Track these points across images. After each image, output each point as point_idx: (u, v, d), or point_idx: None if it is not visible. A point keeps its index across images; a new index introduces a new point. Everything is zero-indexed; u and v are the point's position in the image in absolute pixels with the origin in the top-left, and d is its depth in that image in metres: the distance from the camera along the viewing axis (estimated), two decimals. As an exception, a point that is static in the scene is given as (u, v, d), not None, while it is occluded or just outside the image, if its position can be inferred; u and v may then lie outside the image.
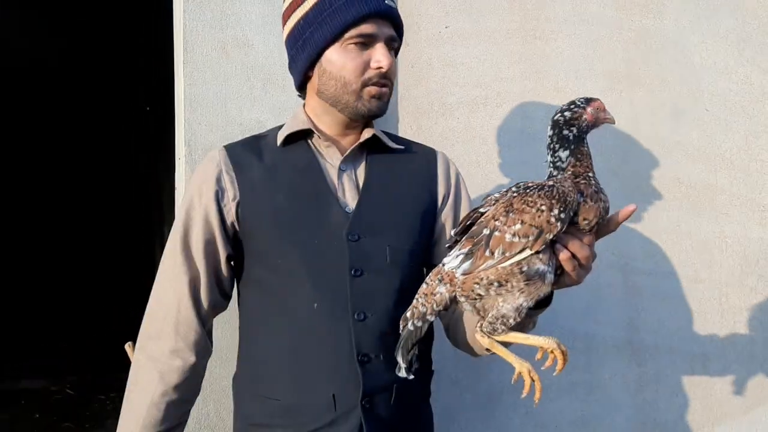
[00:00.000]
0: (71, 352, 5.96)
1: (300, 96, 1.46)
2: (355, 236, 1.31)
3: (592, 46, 2.03)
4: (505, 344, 1.19)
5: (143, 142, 6.88)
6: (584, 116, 1.19)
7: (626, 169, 2.05)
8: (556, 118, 1.19)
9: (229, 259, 1.38)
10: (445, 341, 1.92)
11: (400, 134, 1.91)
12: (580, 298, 2.02)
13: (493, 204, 1.17)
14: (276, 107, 1.75)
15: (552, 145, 1.19)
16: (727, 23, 2.13)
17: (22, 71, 5.90)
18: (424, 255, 1.42)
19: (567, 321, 2.02)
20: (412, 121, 1.92)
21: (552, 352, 1.15)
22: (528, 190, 1.13)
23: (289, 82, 1.79)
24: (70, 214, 6.88)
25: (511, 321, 1.14)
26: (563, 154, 1.18)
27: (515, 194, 1.14)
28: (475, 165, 1.95)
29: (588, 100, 1.20)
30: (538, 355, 1.21)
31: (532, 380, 1.17)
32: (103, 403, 5.49)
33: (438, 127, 1.93)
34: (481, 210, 1.18)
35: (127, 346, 1.77)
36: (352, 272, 1.30)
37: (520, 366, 1.17)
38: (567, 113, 1.19)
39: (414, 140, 1.55)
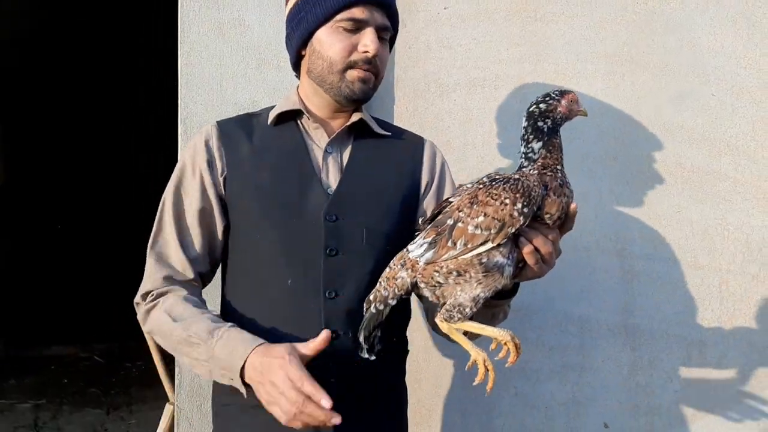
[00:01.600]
0: (101, 321, 6.15)
1: (296, 76, 1.51)
2: (333, 217, 1.36)
3: (594, 29, 2.02)
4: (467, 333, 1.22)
5: (143, 142, 7.05)
6: (559, 108, 1.21)
7: (626, 153, 2.04)
8: (531, 109, 1.21)
9: (224, 230, 1.42)
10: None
11: (396, 115, 1.93)
12: (574, 282, 2.03)
13: (461, 194, 1.19)
14: (270, 87, 1.79)
15: (526, 137, 1.21)
16: (737, 7, 2.08)
17: (20, 60, 6.05)
18: (402, 239, 1.44)
19: (561, 304, 2.03)
20: (408, 102, 1.94)
21: (506, 344, 1.17)
22: (494, 183, 1.15)
23: (284, 62, 1.83)
24: (93, 199, 7.07)
25: (467, 310, 1.16)
26: (536, 145, 1.20)
27: (481, 186, 1.17)
28: (471, 147, 1.96)
29: (562, 93, 1.23)
30: (492, 346, 1.22)
31: (487, 369, 1.19)
32: (129, 371, 5.67)
33: (434, 108, 1.95)
34: (451, 200, 1.21)
35: None
36: (327, 251, 1.35)
37: (476, 354, 1.20)
38: (542, 105, 1.21)
39: (411, 121, 1.59)
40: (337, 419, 1.15)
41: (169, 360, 1.82)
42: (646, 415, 2.05)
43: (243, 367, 1.22)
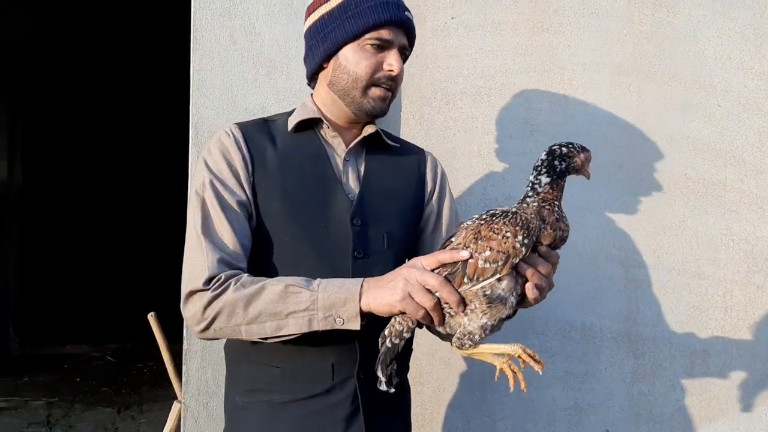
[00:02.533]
0: (114, 321, 6.22)
1: (309, 85, 1.57)
2: (359, 221, 1.44)
3: (600, 39, 2.04)
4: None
5: (155, 146, 7.12)
6: (575, 159, 1.30)
7: (632, 163, 2.06)
8: (553, 148, 1.30)
9: (254, 227, 1.43)
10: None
11: (402, 122, 1.97)
12: (578, 289, 2.05)
13: (463, 232, 1.27)
14: (279, 93, 1.83)
15: (540, 168, 1.29)
16: (744, 18, 2.10)
17: (37, 65, 6.14)
18: (413, 243, 1.56)
19: (565, 311, 2.05)
20: (415, 110, 1.97)
21: (519, 356, 1.24)
22: (494, 218, 1.24)
23: (293, 69, 1.87)
24: (106, 201, 7.15)
25: (477, 337, 1.24)
26: (545, 179, 1.28)
27: (482, 222, 1.25)
28: (476, 155, 1.99)
29: (584, 148, 1.32)
30: (504, 360, 1.28)
31: (513, 372, 1.26)
32: (141, 371, 5.74)
33: (440, 116, 1.98)
34: (452, 239, 1.29)
35: (150, 316, 1.90)
36: (355, 254, 1.42)
37: (499, 363, 1.27)
38: (564, 149, 1.30)
39: (417, 129, 1.65)
40: (461, 308, 1.23)
41: (178, 359, 1.86)
42: (648, 423, 2.07)
43: (361, 293, 1.27)
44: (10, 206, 6.47)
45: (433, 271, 1.25)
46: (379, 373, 1.29)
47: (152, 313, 1.89)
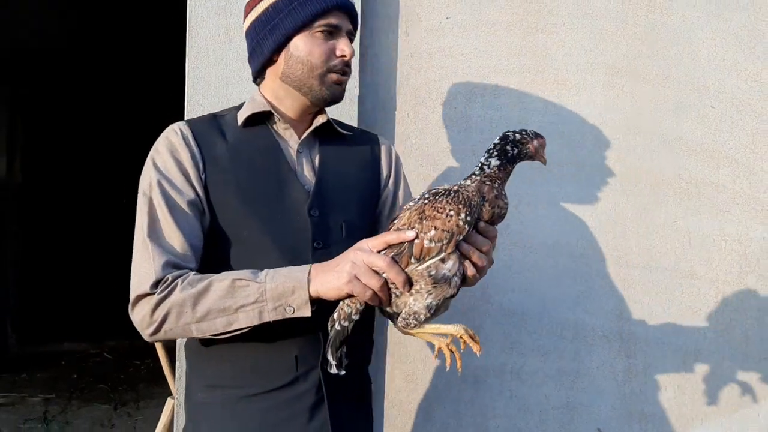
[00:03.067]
0: (112, 319, 6.23)
1: (255, 82, 1.56)
2: (316, 212, 1.44)
3: (594, 40, 2.05)
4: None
5: (150, 142, 7.11)
6: (528, 145, 1.33)
7: (625, 163, 2.07)
8: (507, 133, 1.33)
9: (208, 224, 1.42)
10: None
11: (397, 121, 1.98)
12: (571, 288, 2.06)
13: (408, 213, 1.29)
14: (274, 92, 1.84)
15: (491, 151, 1.32)
16: (738, 20, 2.11)
17: (36, 64, 6.15)
18: (371, 230, 1.56)
19: (557, 309, 2.06)
20: (409, 109, 1.98)
21: (461, 337, 1.26)
22: (437, 197, 1.27)
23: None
24: (102, 198, 7.16)
25: (422, 317, 1.27)
26: (495, 162, 1.31)
27: (426, 202, 1.27)
28: (470, 153, 2.00)
29: (537, 135, 1.34)
30: (448, 340, 1.31)
31: (452, 351, 1.29)
32: (138, 368, 5.75)
33: (435, 116, 1.99)
34: (396, 221, 1.31)
35: None
36: (315, 244, 1.42)
37: (438, 342, 1.30)
38: (518, 135, 1.33)
39: (412, 128, 1.67)
40: (407, 287, 1.25)
41: (173, 355, 1.87)
42: (640, 422, 2.08)
43: (309, 279, 1.28)
44: (9, 203, 6.48)
45: (380, 252, 1.26)
46: (330, 357, 1.30)
47: None
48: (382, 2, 1.99)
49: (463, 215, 1.23)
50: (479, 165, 1.32)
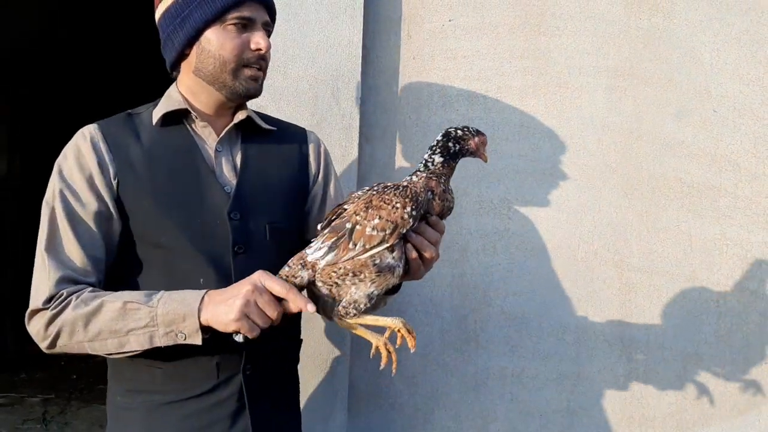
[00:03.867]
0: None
1: (172, 74, 1.50)
2: (237, 215, 1.39)
3: (597, 44, 2.05)
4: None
5: None
6: (470, 141, 1.35)
7: (627, 167, 2.07)
8: (449, 130, 1.36)
9: (120, 234, 1.38)
10: (435, 334, 1.99)
11: (399, 124, 1.97)
12: (572, 291, 2.06)
13: (355, 201, 1.31)
14: (276, 93, 1.84)
15: (434, 148, 1.35)
16: (741, 24, 2.11)
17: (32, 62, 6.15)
18: (298, 231, 1.52)
19: (558, 312, 2.06)
20: (411, 111, 1.98)
21: (399, 331, 1.28)
22: (386, 190, 1.29)
23: (290, 69, 1.88)
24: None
25: (362, 306, 1.28)
26: (438, 158, 1.34)
27: (374, 192, 1.30)
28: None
29: (478, 132, 1.37)
30: (386, 334, 1.32)
31: (389, 351, 1.30)
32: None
33: (437, 118, 1.99)
34: (345, 206, 1.32)
35: None
36: (235, 249, 1.38)
37: (376, 340, 1.31)
38: (459, 132, 1.35)
39: (414, 130, 1.66)
40: (311, 308, 1.24)
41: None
42: (640, 426, 2.07)
43: (200, 308, 1.25)
44: (9, 203, 6.48)
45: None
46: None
47: None
48: (384, 5, 1.98)
49: (408, 209, 1.26)
50: (423, 162, 1.35)
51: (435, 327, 1.80)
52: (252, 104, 1.84)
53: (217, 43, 1.37)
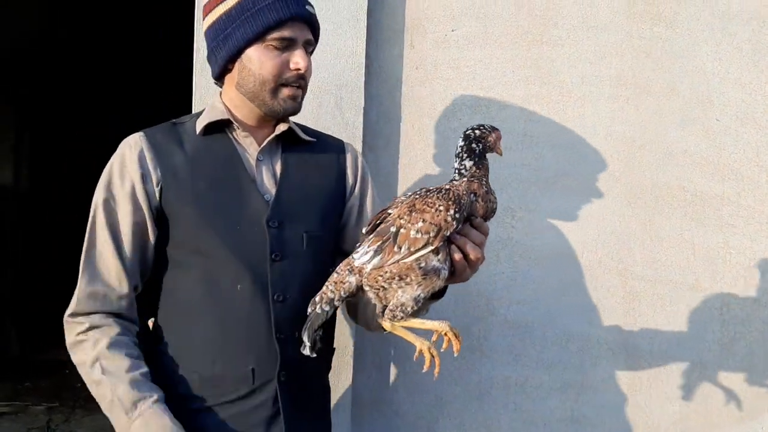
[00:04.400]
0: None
1: (218, 84, 1.54)
2: (275, 223, 1.42)
3: (599, 53, 2.06)
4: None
5: None
6: (489, 138, 1.39)
7: (629, 176, 2.07)
8: (467, 133, 1.38)
9: (156, 242, 1.44)
10: (439, 343, 1.98)
11: (402, 133, 1.99)
12: (576, 299, 2.06)
13: (399, 205, 1.32)
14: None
15: (461, 154, 1.37)
16: (743, 34, 2.11)
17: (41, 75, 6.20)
18: (334, 241, 1.55)
19: (562, 321, 2.06)
20: (414, 120, 1.99)
21: (446, 334, 1.30)
22: (429, 193, 1.31)
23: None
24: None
25: (409, 309, 1.29)
26: (468, 163, 1.36)
27: (418, 196, 1.31)
28: (475, 165, 2.00)
29: (493, 128, 1.40)
30: (434, 338, 1.34)
31: (432, 355, 1.31)
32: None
33: (440, 127, 2.00)
34: (389, 211, 1.34)
35: (150, 322, 1.91)
36: (272, 256, 1.41)
37: (420, 344, 1.32)
38: (477, 131, 1.38)
39: (417, 139, 1.71)
40: None
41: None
42: (644, 435, 2.07)
43: None
44: (13, 210, 6.51)
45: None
46: (305, 338, 1.32)
47: (152, 319, 1.90)
48: (387, 15, 2.00)
49: (452, 211, 1.27)
50: (455, 170, 1.37)
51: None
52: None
53: (257, 62, 1.40)
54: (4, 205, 6.36)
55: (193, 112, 1.82)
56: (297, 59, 1.40)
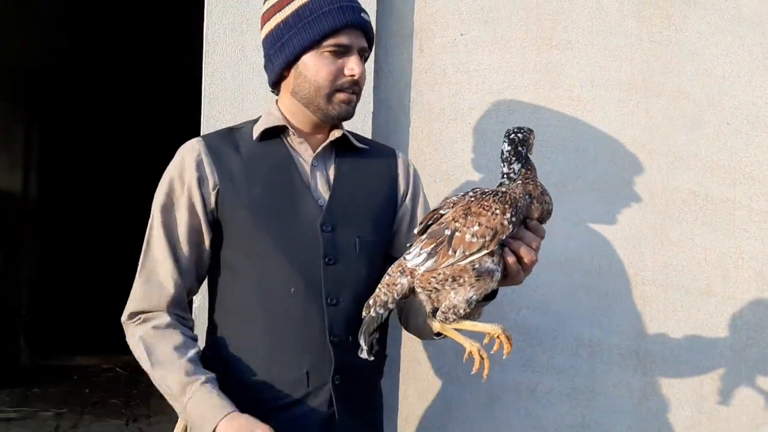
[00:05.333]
0: (125, 334, 6.25)
1: (273, 92, 1.57)
2: (329, 227, 1.45)
3: (609, 57, 2.05)
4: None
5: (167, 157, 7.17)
6: (530, 139, 1.38)
7: (640, 180, 2.06)
8: (512, 137, 1.37)
9: (211, 244, 1.48)
10: (448, 348, 1.98)
11: (411, 137, 1.99)
12: (586, 305, 2.05)
13: (452, 207, 1.31)
14: (289, 108, 1.85)
15: (509, 158, 1.36)
16: (753, 37, 2.10)
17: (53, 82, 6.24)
18: (386, 246, 1.56)
19: (573, 326, 2.05)
20: (423, 124, 1.99)
21: (498, 337, 1.30)
22: (484, 196, 1.29)
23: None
24: (117, 213, 7.18)
25: (461, 311, 1.28)
26: (516, 166, 1.35)
27: (473, 198, 1.29)
28: (484, 169, 2.00)
29: (530, 129, 1.40)
30: (486, 340, 1.34)
31: (482, 358, 1.31)
32: (150, 383, 5.73)
33: (449, 131, 1.99)
34: (441, 212, 1.32)
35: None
36: (326, 260, 1.43)
37: (470, 346, 1.32)
38: (519, 134, 1.38)
39: (425, 143, 1.73)
40: None
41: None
42: (656, 442, 2.05)
43: (217, 424, 1.31)
44: (23, 217, 6.53)
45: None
46: (362, 341, 1.32)
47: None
48: (396, 20, 2.00)
49: (508, 215, 1.25)
50: (504, 175, 1.36)
51: (447, 341, 1.78)
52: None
53: (313, 68, 1.43)
54: (13, 210, 6.38)
55: (202, 114, 1.84)
56: (352, 65, 1.43)
